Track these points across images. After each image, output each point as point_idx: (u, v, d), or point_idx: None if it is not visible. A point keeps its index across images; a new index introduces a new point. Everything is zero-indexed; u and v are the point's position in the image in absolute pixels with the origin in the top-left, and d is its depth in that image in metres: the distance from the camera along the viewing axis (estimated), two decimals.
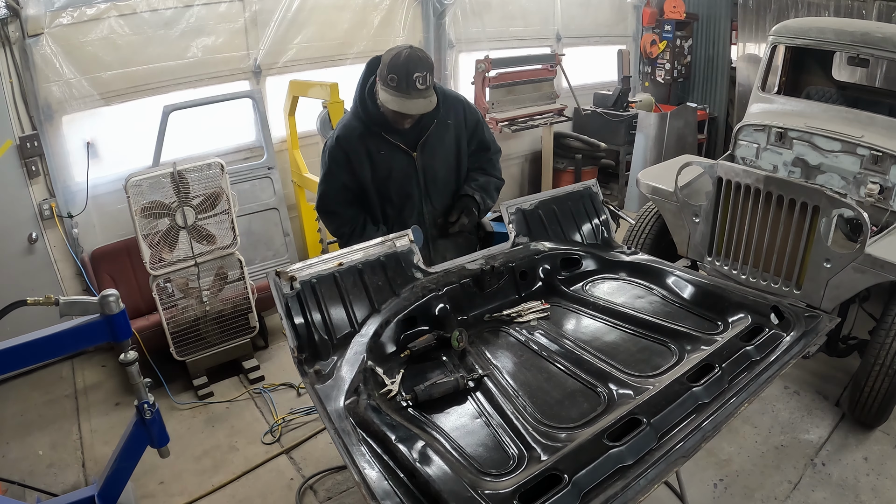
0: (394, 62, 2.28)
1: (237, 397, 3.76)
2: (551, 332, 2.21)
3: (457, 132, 2.63)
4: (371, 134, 2.48)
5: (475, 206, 2.68)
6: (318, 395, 1.82)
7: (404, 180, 2.57)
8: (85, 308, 2.19)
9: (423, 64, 2.30)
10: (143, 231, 3.42)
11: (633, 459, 1.55)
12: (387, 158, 2.52)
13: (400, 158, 2.53)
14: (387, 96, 2.31)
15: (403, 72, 2.26)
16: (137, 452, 2.51)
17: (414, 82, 2.27)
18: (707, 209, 3.55)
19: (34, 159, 3.88)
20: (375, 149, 2.50)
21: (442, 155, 2.61)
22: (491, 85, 5.64)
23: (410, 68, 2.26)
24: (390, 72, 2.28)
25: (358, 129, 2.50)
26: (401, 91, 2.28)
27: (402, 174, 2.56)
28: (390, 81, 2.28)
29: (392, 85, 2.28)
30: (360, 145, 2.49)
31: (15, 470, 3.16)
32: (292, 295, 2.00)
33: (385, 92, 2.32)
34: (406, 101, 2.31)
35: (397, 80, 2.27)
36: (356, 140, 2.49)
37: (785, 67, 4.59)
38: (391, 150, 2.51)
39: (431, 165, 2.59)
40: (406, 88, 2.28)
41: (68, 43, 3.80)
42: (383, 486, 1.47)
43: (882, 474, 2.99)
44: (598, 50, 7.18)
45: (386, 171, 2.54)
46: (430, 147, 2.57)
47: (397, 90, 2.28)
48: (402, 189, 2.59)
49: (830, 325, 2.13)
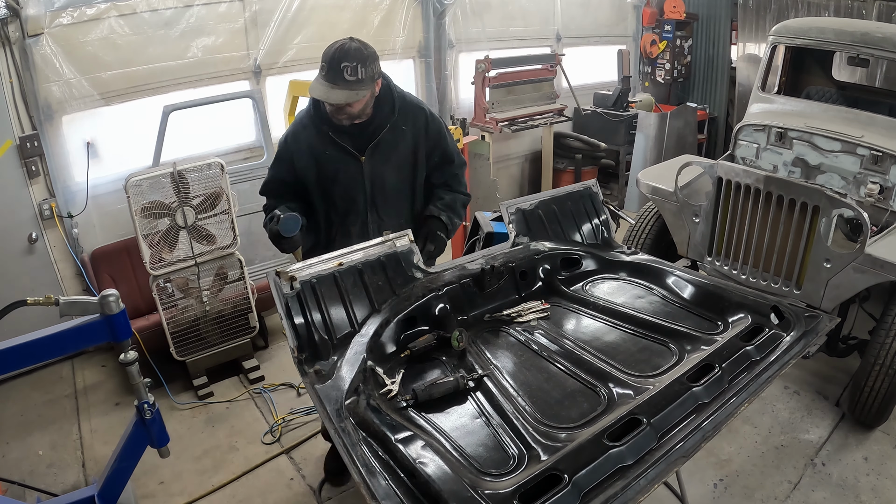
0: (327, 51, 2.25)
1: (237, 397, 3.76)
2: (551, 332, 2.21)
3: (414, 141, 2.51)
4: (319, 134, 2.42)
5: (442, 230, 2.55)
6: (318, 395, 1.82)
7: (350, 185, 2.47)
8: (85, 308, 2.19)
9: (355, 55, 2.22)
10: (143, 231, 3.42)
11: (633, 459, 1.56)
12: (333, 160, 2.44)
13: (347, 162, 2.44)
14: (315, 84, 2.26)
15: (331, 60, 2.22)
16: (137, 452, 2.51)
17: (341, 72, 2.20)
18: (707, 209, 3.55)
19: (34, 159, 3.88)
20: (322, 149, 2.43)
21: (394, 162, 2.49)
22: (491, 85, 5.63)
23: (339, 57, 2.21)
24: (322, 60, 2.25)
25: (308, 127, 2.45)
26: (327, 80, 2.23)
27: (348, 178, 2.46)
28: (321, 70, 2.25)
29: (322, 74, 2.24)
30: (306, 144, 2.44)
31: (15, 470, 3.16)
32: (292, 295, 2.00)
33: (314, 80, 2.27)
34: (329, 90, 2.23)
35: (326, 69, 2.23)
36: (303, 140, 2.44)
37: (785, 67, 4.60)
38: (338, 151, 2.42)
39: (380, 172, 2.48)
40: (332, 77, 2.22)
41: (68, 43, 3.80)
42: (383, 486, 1.47)
43: (882, 474, 3.00)
44: (598, 50, 7.18)
45: (332, 173, 2.45)
46: (380, 153, 2.46)
47: (324, 79, 2.24)
48: (347, 194, 2.49)
49: (830, 325, 2.13)
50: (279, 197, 2.55)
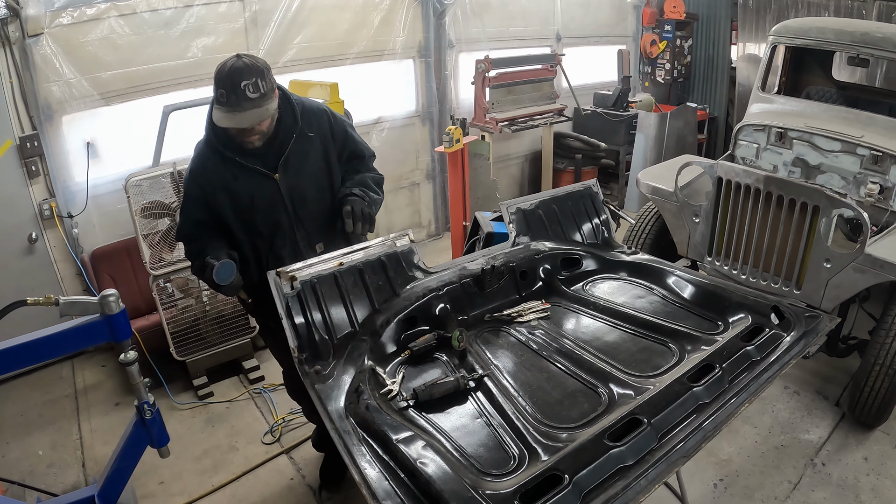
0: (219, 76, 2.08)
1: (237, 397, 3.76)
2: (551, 332, 2.21)
3: (323, 145, 2.38)
4: (224, 161, 2.24)
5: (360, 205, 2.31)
6: (318, 395, 1.82)
7: (270, 208, 2.30)
8: (85, 308, 2.19)
9: (250, 70, 2.08)
10: (143, 231, 3.42)
11: (633, 459, 1.56)
12: (246, 186, 2.26)
13: (261, 183, 2.27)
14: (219, 114, 2.10)
15: (229, 83, 2.05)
16: (137, 452, 2.51)
17: (243, 92, 2.05)
18: (707, 209, 3.55)
19: (34, 159, 3.88)
20: (231, 176, 2.24)
21: (308, 172, 2.35)
22: (491, 85, 5.63)
23: (235, 78, 2.05)
24: (217, 87, 2.07)
25: (210, 158, 2.26)
26: (231, 105, 2.07)
27: (266, 201, 2.29)
28: (220, 98, 2.07)
29: (223, 101, 2.07)
30: (214, 177, 2.25)
31: (15, 470, 3.16)
32: (292, 295, 2.00)
33: (217, 110, 2.10)
34: (238, 115, 2.08)
35: (226, 94, 2.06)
36: (211, 171, 2.25)
37: (785, 67, 4.60)
38: (249, 175, 2.25)
39: (297, 186, 2.32)
40: (236, 101, 2.06)
41: (68, 43, 3.80)
42: (384, 486, 1.47)
43: (882, 474, 3.00)
44: (598, 50, 7.19)
45: (247, 200, 2.27)
46: (292, 166, 2.30)
47: (227, 105, 2.07)
48: (269, 218, 2.32)
49: (830, 325, 2.13)
50: (198, 240, 2.36)
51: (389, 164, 5.25)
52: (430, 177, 6.03)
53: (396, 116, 5.57)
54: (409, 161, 5.81)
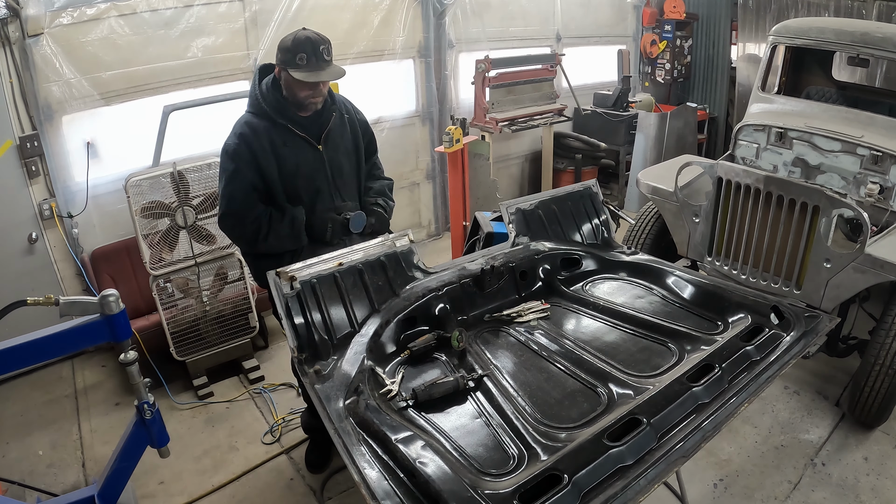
0: (296, 43, 2.34)
1: (237, 397, 3.76)
2: (551, 332, 2.21)
3: (352, 127, 2.68)
4: (276, 127, 2.46)
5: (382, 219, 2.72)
6: (318, 395, 1.82)
7: (313, 174, 2.54)
8: (85, 308, 2.19)
9: (322, 39, 2.39)
10: (143, 231, 3.42)
11: (633, 459, 1.56)
12: (293, 152, 2.49)
13: (306, 151, 2.51)
14: (302, 73, 2.34)
15: (310, 47, 2.33)
16: (137, 452, 2.51)
17: (321, 54, 2.36)
18: (707, 209, 3.55)
19: (34, 159, 3.88)
20: (281, 142, 2.46)
21: (344, 149, 2.63)
22: (491, 85, 5.63)
23: (315, 43, 2.35)
24: (297, 52, 2.33)
25: (261, 124, 2.46)
26: (312, 66, 2.35)
27: (310, 168, 2.53)
28: (300, 61, 2.33)
29: (302, 63, 2.33)
30: (265, 140, 2.45)
31: (15, 470, 3.16)
32: (292, 295, 2.00)
33: (298, 72, 2.34)
34: (321, 73, 2.37)
35: (307, 57, 2.33)
36: (262, 134, 2.45)
37: (785, 67, 4.59)
38: (297, 142, 2.49)
39: (336, 159, 2.59)
40: (317, 62, 2.35)
41: (68, 43, 3.80)
42: (383, 486, 1.47)
43: (882, 474, 2.99)
44: (598, 50, 7.18)
45: (293, 165, 2.49)
46: (332, 140, 2.58)
47: (308, 66, 2.34)
48: (311, 184, 2.55)
49: (830, 325, 2.13)
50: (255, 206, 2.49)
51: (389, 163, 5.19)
52: (430, 177, 6.02)
53: (396, 116, 5.56)
54: (409, 161, 5.81)
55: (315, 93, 2.43)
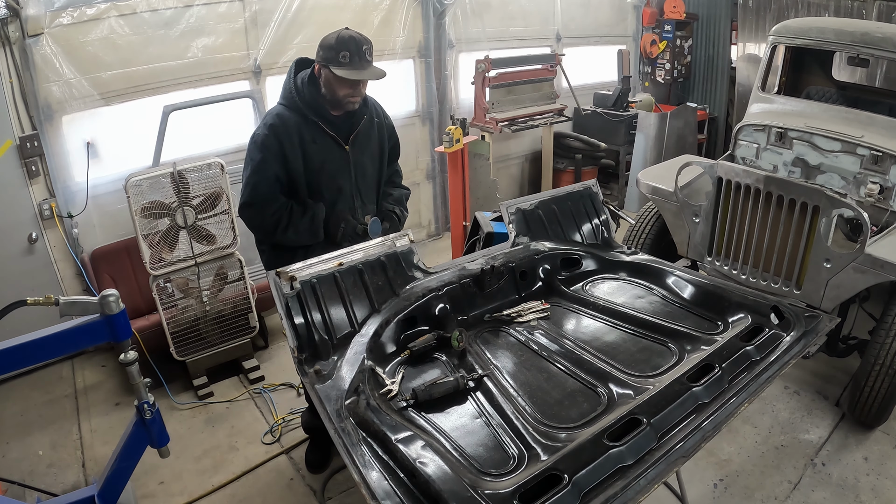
0: (340, 41, 2.37)
1: (237, 397, 3.76)
2: (551, 332, 2.21)
3: (380, 132, 2.72)
4: (307, 123, 2.50)
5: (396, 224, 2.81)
6: (318, 395, 1.82)
7: (337, 173, 2.58)
8: (85, 308, 2.19)
9: (365, 39, 2.43)
10: (143, 231, 3.42)
11: (633, 459, 1.56)
12: (321, 150, 2.52)
13: (333, 150, 2.55)
14: (344, 71, 2.37)
15: (354, 46, 2.37)
16: (137, 452, 2.51)
17: (364, 54, 2.39)
18: (707, 209, 3.55)
19: (34, 159, 3.87)
20: (310, 138, 2.50)
21: (369, 151, 2.68)
22: (491, 85, 5.63)
23: (359, 43, 2.39)
24: (340, 50, 2.36)
25: (292, 118, 2.50)
26: (354, 64, 2.38)
27: (335, 167, 2.57)
28: (343, 59, 2.36)
29: (345, 61, 2.37)
30: (294, 134, 2.48)
31: (15, 470, 3.16)
32: (292, 295, 2.00)
33: (341, 70, 2.37)
34: (363, 71, 2.41)
35: (350, 55, 2.36)
36: (291, 128, 2.48)
37: (785, 67, 4.59)
38: (325, 140, 2.53)
39: (361, 160, 2.63)
40: (359, 61, 2.38)
41: (68, 43, 3.80)
42: (383, 486, 1.47)
43: (882, 474, 2.99)
44: (598, 50, 7.18)
45: (319, 162, 2.53)
46: (360, 142, 2.61)
47: (351, 64, 2.37)
48: (334, 182, 2.58)
49: (830, 325, 2.13)
50: (276, 199, 2.53)
51: None
52: (430, 177, 6.02)
53: (396, 116, 5.50)
54: (409, 161, 5.80)
55: (355, 92, 2.47)
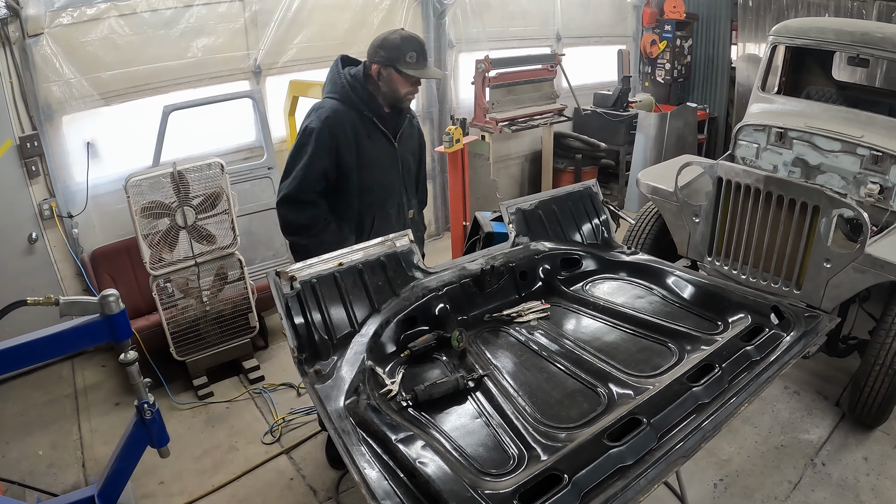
0: (405, 42, 2.48)
1: (237, 397, 3.76)
2: (551, 332, 2.21)
3: (419, 132, 2.89)
4: (362, 119, 2.56)
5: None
6: (318, 395, 1.82)
7: (387, 168, 2.67)
8: (85, 308, 2.19)
9: (423, 39, 2.59)
10: (143, 231, 3.42)
11: (633, 459, 1.56)
12: (374, 145, 2.60)
13: (384, 146, 2.63)
14: (413, 70, 2.48)
15: (419, 47, 2.50)
16: (137, 452, 2.51)
17: (426, 54, 2.54)
18: (707, 209, 3.55)
19: (34, 159, 3.88)
20: (365, 133, 2.56)
21: (411, 148, 2.80)
22: (491, 85, 5.63)
23: (422, 43, 2.53)
24: (407, 51, 2.47)
25: (348, 113, 2.54)
26: (420, 64, 2.50)
27: (386, 162, 2.65)
28: (409, 59, 2.47)
29: (412, 61, 2.48)
30: (349, 129, 2.53)
31: (15, 470, 3.16)
32: (292, 295, 2.00)
33: (409, 69, 2.47)
34: (428, 70, 2.55)
35: (416, 55, 2.48)
36: (346, 123, 2.53)
37: (785, 67, 4.59)
38: (378, 137, 2.61)
39: (406, 157, 2.75)
40: (424, 61, 2.52)
41: (68, 43, 3.80)
42: (383, 486, 1.47)
43: (882, 474, 3.00)
44: (598, 50, 7.18)
45: (371, 159, 2.59)
46: (404, 139, 2.72)
47: (417, 64, 2.49)
48: (385, 177, 2.67)
49: (830, 325, 2.13)
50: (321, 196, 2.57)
51: None
52: (430, 177, 6.00)
53: None
54: None
55: (415, 90, 2.59)
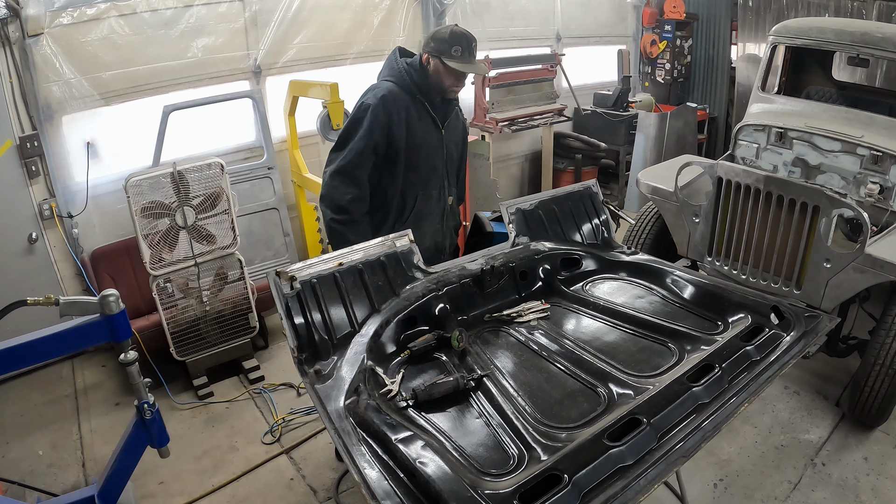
0: (454, 36, 2.57)
1: (237, 397, 3.76)
2: (551, 332, 2.21)
3: (463, 124, 2.96)
4: (415, 102, 2.67)
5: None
6: (318, 395, 1.82)
7: (434, 152, 2.76)
8: (85, 308, 2.19)
9: (474, 36, 2.63)
10: (143, 231, 3.42)
11: (633, 459, 1.55)
12: (424, 128, 2.70)
13: (433, 131, 2.73)
14: (457, 64, 2.56)
15: (465, 42, 2.57)
16: (137, 452, 2.51)
17: (474, 49, 2.61)
18: (707, 209, 3.55)
19: (34, 159, 3.88)
20: (416, 115, 2.66)
21: (455, 138, 2.88)
22: (491, 85, 5.63)
23: (470, 38, 2.59)
24: (453, 44, 2.55)
25: (402, 95, 2.65)
26: (465, 59, 2.58)
27: (433, 146, 2.75)
28: (455, 52, 2.55)
29: (458, 55, 2.56)
30: (402, 110, 2.63)
31: (15, 470, 3.16)
32: (292, 295, 2.00)
33: (453, 62, 2.56)
34: (474, 66, 2.63)
35: (462, 50, 2.56)
36: (400, 104, 2.63)
37: (785, 67, 4.59)
38: (428, 121, 2.71)
39: (450, 146, 2.83)
40: (470, 56, 2.59)
41: (68, 43, 3.80)
42: (383, 486, 1.47)
43: (882, 474, 3.00)
44: (598, 50, 7.18)
45: (419, 140, 2.69)
46: (450, 128, 2.82)
47: (462, 58, 2.57)
48: (430, 160, 2.76)
49: (830, 325, 2.13)
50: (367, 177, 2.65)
51: None
52: None
53: None
54: None
55: (459, 83, 2.67)
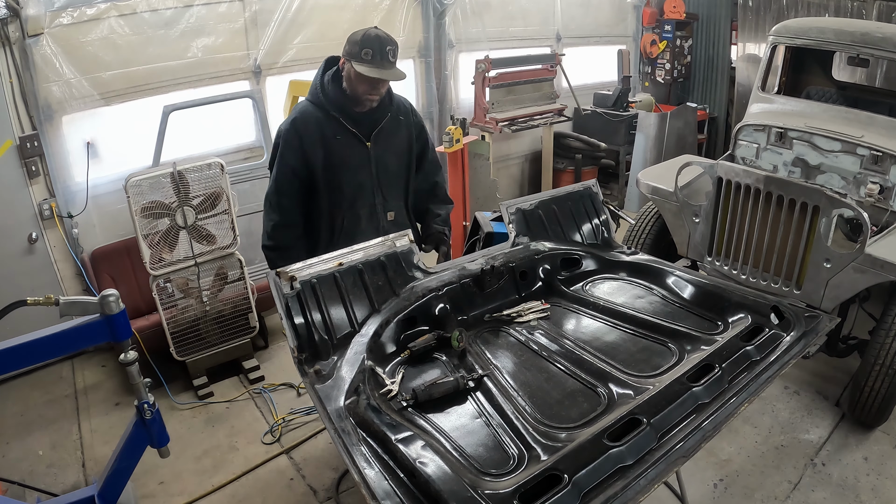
0: (366, 39, 2.40)
1: (237, 397, 3.76)
2: (551, 332, 2.21)
3: (408, 131, 2.74)
4: (329, 119, 2.53)
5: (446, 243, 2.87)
6: (318, 395, 1.82)
7: (357, 169, 2.61)
8: (85, 308, 2.19)
9: (391, 40, 2.46)
10: (143, 231, 3.42)
11: (633, 459, 1.55)
12: (342, 145, 2.56)
13: (355, 147, 2.58)
14: (364, 68, 2.39)
15: (377, 45, 2.39)
16: (137, 452, 2.51)
17: (387, 54, 2.42)
18: (707, 209, 3.55)
19: (34, 159, 3.88)
20: (332, 134, 2.53)
21: (394, 149, 2.69)
22: (491, 85, 5.63)
23: (383, 42, 2.41)
24: (364, 47, 2.39)
25: (315, 114, 2.54)
26: (375, 63, 2.40)
27: (356, 163, 2.60)
28: (365, 56, 2.39)
29: (367, 59, 2.39)
30: (315, 129, 2.52)
31: (15, 470, 3.16)
32: (292, 295, 2.00)
33: (361, 66, 2.39)
34: (383, 71, 2.42)
35: (373, 53, 2.39)
36: (313, 124, 2.53)
37: (785, 67, 4.60)
38: (347, 137, 2.56)
39: (383, 157, 2.66)
40: (380, 61, 2.41)
41: (68, 43, 3.80)
42: (383, 486, 1.47)
43: (882, 474, 3.00)
44: (598, 50, 7.18)
45: (339, 158, 2.56)
46: (383, 139, 2.64)
47: (372, 62, 2.39)
48: (355, 178, 2.62)
49: (830, 325, 2.13)
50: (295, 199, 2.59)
51: None
52: None
53: None
54: None
55: (373, 90, 2.49)
